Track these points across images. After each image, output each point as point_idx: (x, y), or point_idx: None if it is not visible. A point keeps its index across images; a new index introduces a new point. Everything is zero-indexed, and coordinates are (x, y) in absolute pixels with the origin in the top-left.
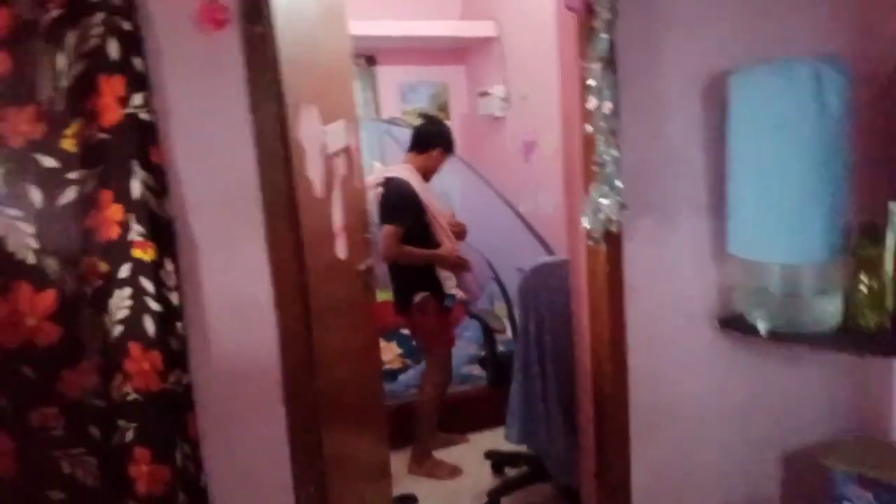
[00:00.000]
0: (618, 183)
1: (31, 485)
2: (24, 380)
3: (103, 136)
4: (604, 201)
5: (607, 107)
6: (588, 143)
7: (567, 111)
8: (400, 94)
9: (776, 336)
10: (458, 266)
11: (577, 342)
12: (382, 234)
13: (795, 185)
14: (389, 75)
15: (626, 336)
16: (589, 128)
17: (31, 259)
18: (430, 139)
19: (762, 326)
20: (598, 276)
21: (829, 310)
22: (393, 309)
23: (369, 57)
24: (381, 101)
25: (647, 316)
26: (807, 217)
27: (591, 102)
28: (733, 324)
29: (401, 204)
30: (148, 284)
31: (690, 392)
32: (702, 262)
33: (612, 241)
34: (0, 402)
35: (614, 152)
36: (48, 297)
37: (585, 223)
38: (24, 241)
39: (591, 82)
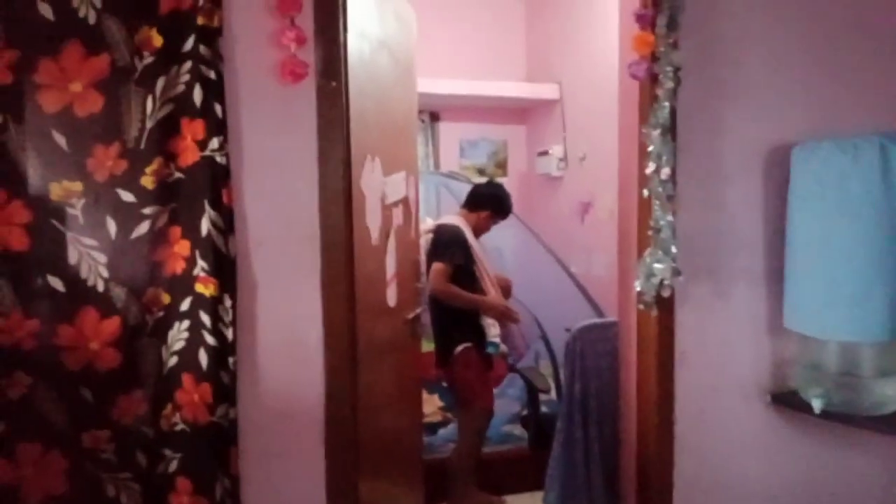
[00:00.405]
0: (672, 248)
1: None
2: (82, 402)
3: (179, 175)
4: (657, 266)
5: (665, 173)
6: (644, 207)
7: (625, 174)
8: (460, 149)
9: (831, 416)
10: (506, 315)
11: (623, 408)
12: (432, 271)
13: (858, 262)
14: (451, 131)
15: (674, 405)
16: (646, 192)
17: (100, 287)
18: (484, 200)
19: (817, 405)
20: (647, 340)
21: (889, 393)
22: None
23: (433, 113)
24: (441, 156)
25: (697, 386)
26: (869, 295)
27: (650, 167)
28: (787, 400)
29: (451, 243)
30: (206, 319)
31: (738, 469)
32: (756, 334)
33: (664, 306)
34: (58, 422)
35: (670, 218)
36: (112, 324)
37: (637, 286)
38: (97, 269)
39: (650, 148)
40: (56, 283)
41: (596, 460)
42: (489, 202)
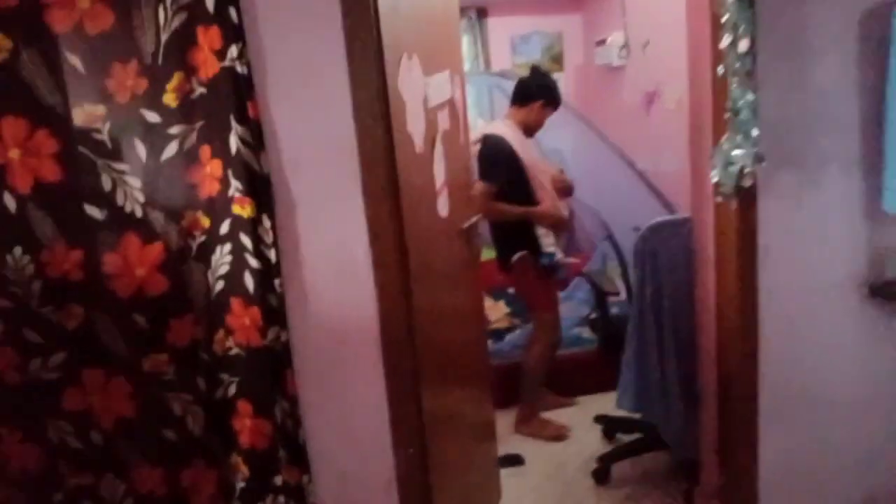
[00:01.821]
0: (754, 132)
1: (148, 425)
2: (136, 327)
3: (202, 90)
4: (737, 152)
5: (743, 45)
6: (720, 88)
7: (695, 52)
8: (511, 46)
9: None
10: (557, 225)
11: (700, 310)
12: (475, 192)
13: None
14: (500, 27)
15: (759, 306)
16: (721, 69)
17: (138, 212)
18: (532, 91)
19: None
20: (726, 236)
21: None
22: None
23: (480, 8)
24: (492, 55)
25: (784, 284)
26: None
27: (725, 40)
28: (886, 292)
29: (494, 161)
30: (247, 241)
31: (832, 370)
32: (851, 222)
33: (745, 197)
34: (117, 348)
35: (750, 97)
36: (155, 250)
37: (714, 177)
38: (133, 194)
39: (724, 18)
40: (94, 211)
41: (671, 364)
42: (540, 91)
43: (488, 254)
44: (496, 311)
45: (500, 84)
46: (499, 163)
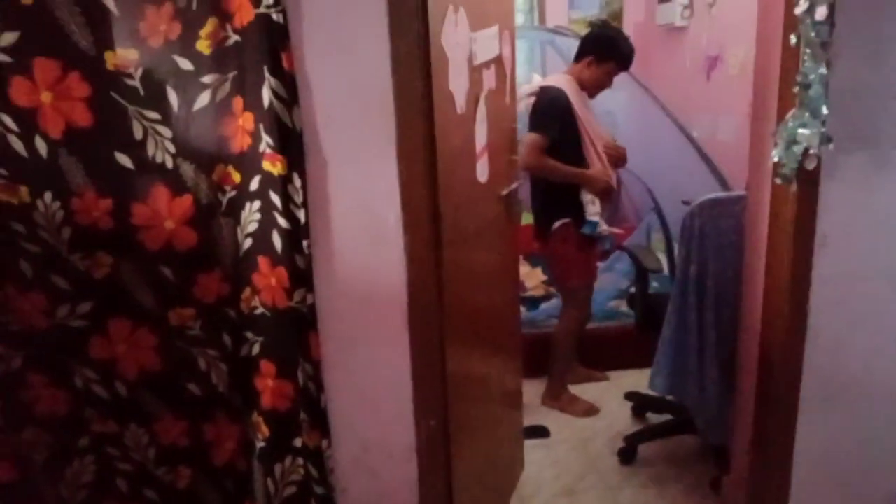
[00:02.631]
0: (823, 109)
1: (173, 378)
2: (163, 280)
3: (236, 37)
4: (803, 131)
5: (821, 13)
6: (790, 58)
7: (765, 17)
8: (568, 0)
9: None
10: (607, 191)
11: (746, 294)
12: (525, 142)
13: None
14: None
15: (810, 295)
16: (793, 38)
17: (169, 163)
18: (600, 48)
19: None
20: (782, 220)
21: None
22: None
23: None
24: (547, 8)
25: (840, 273)
26: None
27: (800, 6)
28: None
29: (550, 112)
30: (276, 199)
31: (881, 363)
32: None
33: (807, 179)
34: (143, 300)
35: (823, 70)
36: (185, 203)
37: (775, 156)
38: (164, 144)
39: None
40: (124, 160)
41: (711, 347)
42: (609, 49)
43: (527, 218)
44: (533, 277)
45: (553, 41)
46: (554, 115)
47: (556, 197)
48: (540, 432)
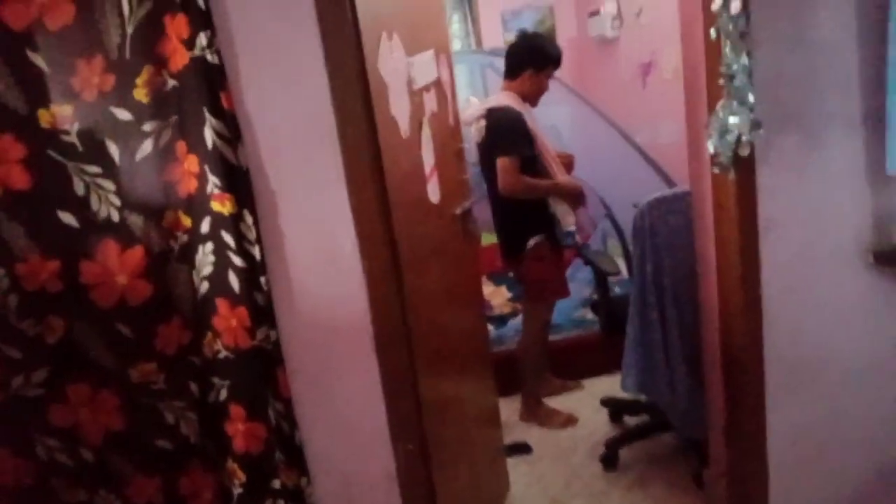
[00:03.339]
0: (750, 97)
1: (141, 436)
2: (120, 337)
3: (173, 82)
4: (732, 119)
5: (736, 5)
6: (713, 52)
7: (687, 17)
8: (502, 22)
9: None
10: (580, 199)
11: (702, 285)
12: (499, 168)
13: None
14: (490, 4)
15: (762, 278)
16: (714, 32)
17: (115, 216)
18: (536, 58)
19: None
20: (726, 208)
21: None
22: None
23: None
24: (483, 33)
25: (787, 253)
26: None
27: (717, 2)
28: (891, 258)
29: (512, 132)
30: (229, 239)
31: (839, 340)
32: (855, 187)
33: (744, 166)
34: (102, 361)
35: (745, 60)
36: (136, 254)
37: (710, 147)
38: (107, 198)
39: None
40: (68, 218)
41: (675, 342)
42: (529, 57)
43: (488, 238)
44: (497, 296)
45: (492, 63)
46: (519, 134)
47: (525, 215)
48: (521, 449)
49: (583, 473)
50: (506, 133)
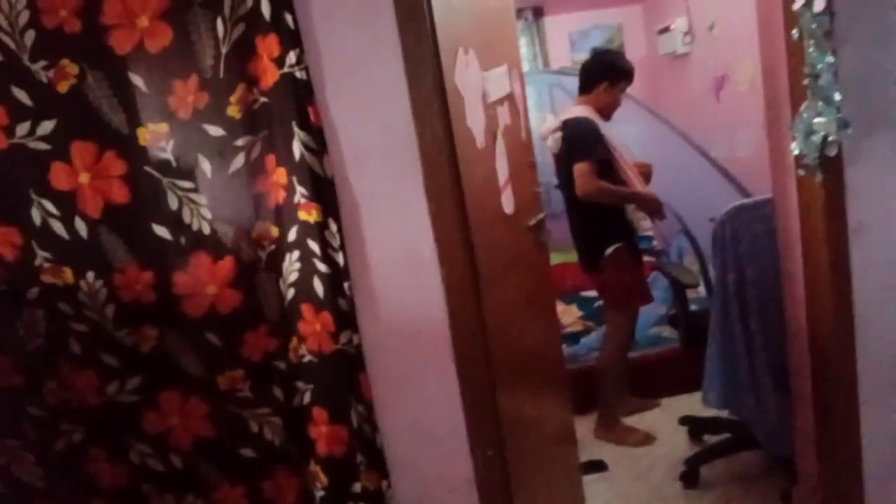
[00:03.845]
0: (836, 96)
1: (227, 444)
2: (209, 346)
3: (264, 99)
4: (818, 120)
5: (819, 4)
6: (795, 53)
7: (766, 19)
8: (570, 43)
9: None
10: (656, 208)
11: (788, 293)
12: (577, 173)
13: None
14: (558, 25)
15: (853, 284)
16: (796, 33)
17: (206, 229)
18: (610, 71)
19: None
20: (812, 211)
21: None
22: (576, 269)
23: (536, 8)
24: (551, 53)
25: (880, 258)
26: None
27: (798, 1)
28: None
29: (589, 138)
30: (314, 246)
31: None
32: None
33: (831, 167)
34: (191, 369)
35: (830, 58)
36: (226, 265)
37: (795, 149)
38: (199, 211)
39: None
40: (162, 231)
41: (760, 354)
42: (602, 71)
43: (558, 257)
44: (568, 315)
45: (560, 82)
46: (594, 140)
47: (603, 223)
48: (597, 466)
49: (663, 492)
50: (581, 139)
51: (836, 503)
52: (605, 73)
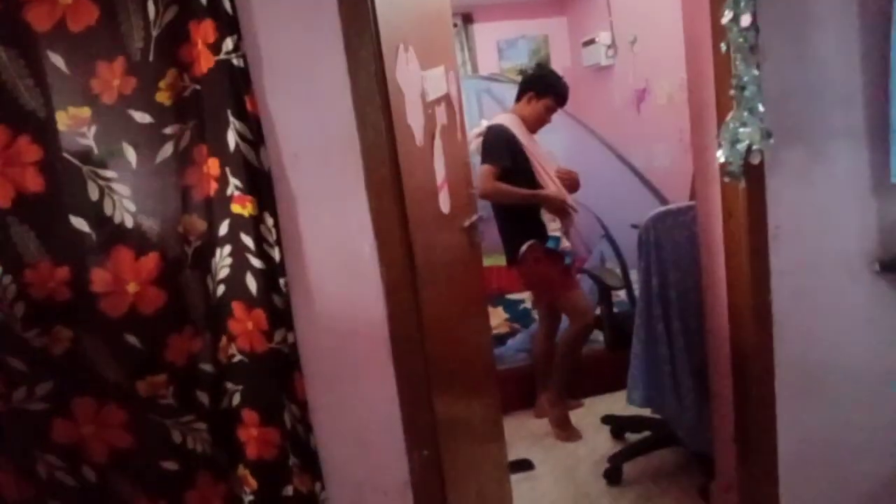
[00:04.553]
0: (760, 107)
1: (146, 456)
2: (129, 349)
3: (196, 86)
4: (744, 129)
5: (746, 20)
6: (722, 66)
7: (693, 32)
8: (497, 51)
9: None
10: (563, 208)
11: (709, 297)
12: (479, 174)
13: None
14: (487, 33)
15: (771, 287)
16: (724, 46)
17: (129, 222)
18: (538, 85)
19: None
20: (736, 216)
21: None
22: (502, 272)
23: (466, 14)
24: (479, 60)
25: (795, 262)
26: None
27: (726, 16)
28: None
29: (496, 144)
30: (248, 241)
31: (847, 348)
32: (860, 197)
33: (754, 175)
34: (109, 374)
35: (755, 71)
36: (150, 262)
37: (721, 156)
38: (122, 203)
39: None
40: (80, 223)
41: (682, 355)
42: (531, 82)
43: (488, 261)
44: (495, 317)
45: (488, 88)
46: (500, 146)
47: (518, 222)
48: (524, 465)
49: (587, 490)
50: (489, 144)
51: (752, 497)
52: (532, 85)
